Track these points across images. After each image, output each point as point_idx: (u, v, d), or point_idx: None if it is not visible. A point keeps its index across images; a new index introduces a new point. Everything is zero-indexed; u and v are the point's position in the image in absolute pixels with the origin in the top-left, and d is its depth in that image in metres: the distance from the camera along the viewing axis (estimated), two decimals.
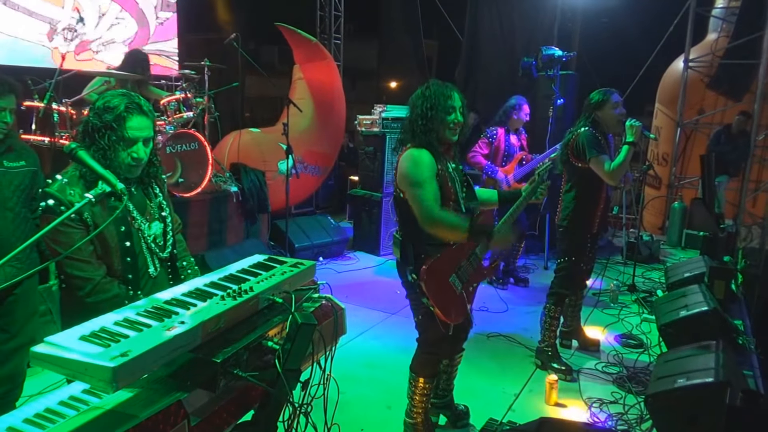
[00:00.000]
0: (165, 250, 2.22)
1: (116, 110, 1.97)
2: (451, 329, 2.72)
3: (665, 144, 9.31)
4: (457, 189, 2.70)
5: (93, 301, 1.97)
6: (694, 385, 2.45)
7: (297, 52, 7.47)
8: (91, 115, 2.01)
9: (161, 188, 2.29)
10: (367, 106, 7.19)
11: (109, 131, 1.97)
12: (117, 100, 2.00)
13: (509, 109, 5.28)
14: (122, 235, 2.04)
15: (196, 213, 5.17)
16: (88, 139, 2.00)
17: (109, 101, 2.00)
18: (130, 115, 1.99)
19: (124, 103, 1.99)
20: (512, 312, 4.97)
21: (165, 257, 2.22)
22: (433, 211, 2.53)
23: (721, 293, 3.64)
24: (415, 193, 2.56)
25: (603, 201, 3.74)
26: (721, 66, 8.43)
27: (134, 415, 1.35)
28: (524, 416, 3.22)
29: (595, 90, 3.74)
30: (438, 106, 2.61)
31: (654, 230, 8.51)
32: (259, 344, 1.62)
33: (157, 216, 2.19)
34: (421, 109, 2.63)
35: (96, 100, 2.04)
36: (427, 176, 2.56)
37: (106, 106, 1.99)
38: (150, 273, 2.14)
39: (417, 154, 2.60)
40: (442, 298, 2.64)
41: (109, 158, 1.99)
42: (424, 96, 2.65)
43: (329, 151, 7.51)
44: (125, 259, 2.05)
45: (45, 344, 1.34)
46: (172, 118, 5.08)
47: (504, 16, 8.85)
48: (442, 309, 2.63)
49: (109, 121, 1.97)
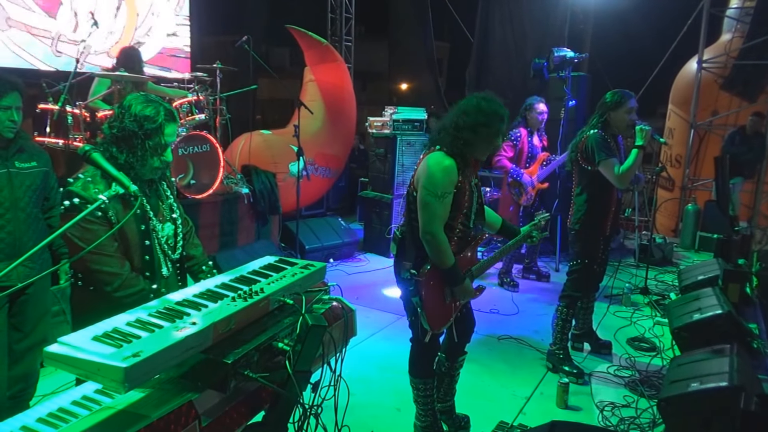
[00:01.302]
0: (176, 252, 2.26)
1: (156, 119, 2.04)
2: (428, 337, 2.72)
3: (678, 146, 9.22)
4: (473, 202, 2.71)
5: (121, 296, 2.02)
6: (708, 389, 2.42)
7: (308, 54, 7.50)
8: (127, 121, 2.03)
9: (171, 190, 2.33)
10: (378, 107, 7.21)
11: (147, 139, 2.04)
12: (152, 108, 2.05)
13: (523, 109, 5.31)
14: (142, 234, 2.09)
15: (207, 214, 5.20)
16: (124, 144, 2.04)
17: (147, 109, 2.05)
18: (168, 123, 2.08)
19: (163, 113, 2.07)
20: (523, 314, 4.95)
21: (176, 258, 2.26)
22: (437, 228, 2.55)
23: (735, 296, 3.60)
24: (428, 201, 2.55)
25: (614, 203, 3.72)
26: (735, 67, 8.35)
27: (146, 415, 1.36)
28: (535, 419, 3.20)
29: (611, 90, 3.72)
30: (492, 126, 2.57)
31: (667, 232, 8.44)
32: (270, 345, 1.63)
33: (169, 217, 2.24)
34: (473, 121, 2.55)
35: (130, 106, 2.07)
36: (448, 191, 2.55)
37: (146, 115, 2.04)
38: (163, 273, 2.17)
39: (449, 165, 2.55)
40: (433, 302, 2.66)
41: (141, 162, 2.06)
42: (479, 109, 2.56)
43: (340, 153, 7.52)
44: (144, 258, 2.10)
45: (58, 344, 1.35)
46: (184, 120, 5.12)
47: (515, 17, 8.83)
48: (429, 313, 2.65)
49: (150, 130, 2.04)
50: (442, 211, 2.56)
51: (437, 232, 2.55)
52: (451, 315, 2.78)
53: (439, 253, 2.57)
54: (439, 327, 2.75)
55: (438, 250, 2.57)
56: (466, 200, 2.64)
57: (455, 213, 2.61)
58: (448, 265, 2.59)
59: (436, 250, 2.57)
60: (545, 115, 5.31)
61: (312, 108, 6.19)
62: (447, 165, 2.55)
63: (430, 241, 2.56)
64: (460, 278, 2.65)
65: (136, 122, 2.03)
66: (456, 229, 2.66)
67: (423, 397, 2.87)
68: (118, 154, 2.05)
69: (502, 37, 8.97)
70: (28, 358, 2.73)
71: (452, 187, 2.56)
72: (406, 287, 2.70)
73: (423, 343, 2.78)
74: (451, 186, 2.55)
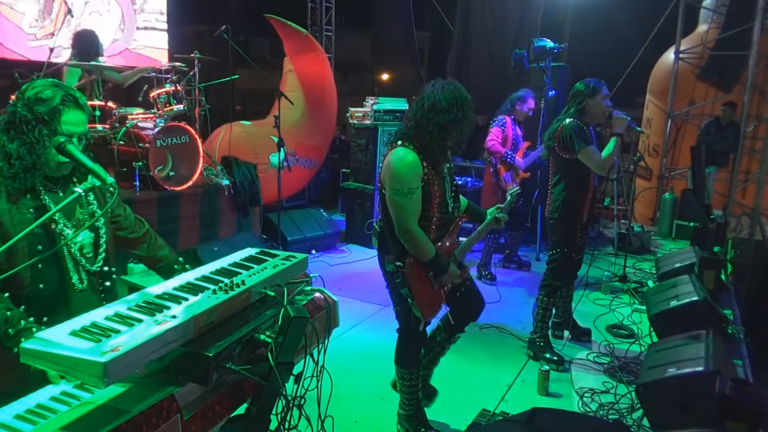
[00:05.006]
0: (95, 264, 1.98)
1: (51, 102, 1.79)
2: (422, 325, 2.74)
3: (656, 135, 9.35)
4: (446, 189, 2.70)
5: None
6: (685, 374, 2.47)
7: (288, 44, 7.43)
8: (20, 105, 1.80)
9: (98, 196, 2.04)
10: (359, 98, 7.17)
11: (40, 125, 1.79)
12: (50, 91, 1.81)
13: (515, 100, 5.34)
14: (34, 237, 1.80)
15: (187, 206, 5.14)
16: (14, 132, 1.80)
17: (40, 91, 1.80)
18: (66, 109, 1.82)
19: (60, 96, 1.81)
20: (505, 303, 4.99)
21: (95, 271, 1.99)
22: (410, 224, 2.55)
23: (710, 283, 3.68)
24: (396, 200, 2.55)
25: (591, 191, 3.76)
26: (712, 57, 8.47)
27: (126, 409, 1.35)
28: (517, 406, 3.24)
29: (581, 80, 3.77)
30: (467, 114, 2.54)
31: (645, 221, 8.57)
32: (252, 337, 1.62)
33: (88, 225, 1.94)
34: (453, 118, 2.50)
35: (24, 89, 1.83)
36: (413, 186, 2.53)
37: (38, 96, 1.79)
38: (75, 285, 1.92)
39: (412, 160, 2.52)
40: (422, 291, 2.67)
41: (37, 153, 1.80)
42: (453, 103, 2.50)
43: (321, 143, 7.49)
44: (36, 266, 1.81)
45: (35, 340, 1.33)
46: (162, 111, 5.04)
47: (495, 7, 8.83)
48: (420, 303, 2.66)
49: (42, 114, 1.78)
50: (412, 207, 2.55)
51: (411, 228, 2.55)
52: (442, 301, 2.78)
53: (418, 247, 2.58)
54: (431, 315, 2.75)
55: (415, 244, 2.57)
56: (437, 190, 2.62)
57: (429, 204, 2.61)
58: (429, 257, 2.59)
59: (414, 244, 2.58)
60: (532, 112, 5.37)
61: (292, 98, 6.14)
62: (410, 161, 2.53)
63: (406, 238, 2.57)
64: (444, 266, 2.65)
65: (27, 105, 1.78)
66: (434, 218, 2.65)
67: (408, 386, 2.88)
68: (8, 143, 1.79)
69: (482, 26, 8.97)
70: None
71: (418, 181, 2.54)
72: (393, 279, 2.70)
73: (411, 334, 2.79)
74: (417, 180, 2.54)
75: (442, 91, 2.53)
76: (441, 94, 2.52)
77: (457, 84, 2.59)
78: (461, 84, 2.66)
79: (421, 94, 2.62)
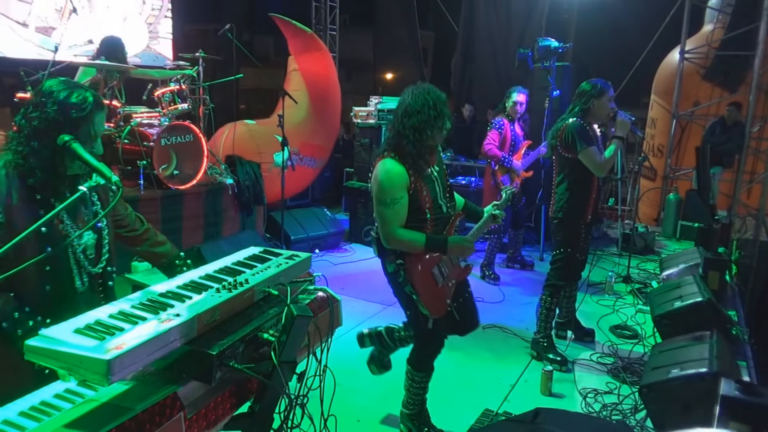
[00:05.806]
0: (97, 265, 1.98)
1: (87, 106, 1.80)
2: (431, 322, 2.74)
3: (661, 135, 9.31)
4: (438, 192, 2.70)
5: None
6: (688, 375, 2.47)
7: (292, 43, 7.43)
8: (50, 109, 1.77)
9: (102, 196, 2.03)
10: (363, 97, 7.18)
11: (74, 130, 1.79)
12: (80, 95, 1.81)
13: (504, 98, 5.33)
14: (42, 237, 1.77)
15: (191, 205, 5.15)
16: (46, 138, 1.77)
17: (77, 95, 1.80)
18: (99, 112, 1.84)
19: (91, 99, 1.82)
20: (508, 303, 4.99)
21: (96, 273, 1.98)
22: (393, 231, 2.58)
23: (715, 284, 3.67)
24: (380, 210, 2.59)
25: (595, 191, 3.75)
26: (717, 57, 8.43)
27: (130, 407, 1.35)
28: (520, 407, 3.24)
29: (587, 81, 3.76)
30: (443, 113, 2.55)
31: (649, 221, 8.54)
32: (255, 336, 1.62)
33: (91, 225, 1.93)
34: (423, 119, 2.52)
35: (52, 92, 1.80)
36: (396, 196, 2.56)
37: (73, 101, 1.78)
38: (76, 287, 1.91)
39: (397, 172, 2.55)
40: (425, 287, 2.67)
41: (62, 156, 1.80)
42: (426, 103, 2.52)
43: (325, 143, 7.48)
44: (44, 268, 1.80)
45: (39, 337, 1.33)
46: (166, 109, 5.05)
47: (500, 6, 8.82)
48: (425, 299, 2.66)
49: (77, 118, 1.79)
50: (395, 216, 2.58)
51: (395, 233, 2.58)
52: (447, 296, 2.78)
53: (408, 244, 2.61)
54: (438, 311, 2.74)
55: (404, 244, 2.61)
56: (426, 195, 2.63)
57: (420, 210, 2.62)
58: (423, 246, 2.60)
59: (403, 245, 2.61)
60: (523, 107, 5.33)
61: (296, 97, 6.14)
62: (395, 173, 2.56)
63: (393, 244, 2.61)
64: (443, 242, 2.65)
65: (61, 110, 1.77)
66: (428, 219, 2.66)
67: (416, 387, 2.89)
68: (41, 149, 1.78)
69: (486, 26, 8.96)
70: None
71: (403, 191, 2.57)
72: (396, 279, 2.71)
73: (428, 339, 2.80)
74: (402, 190, 2.56)
75: (412, 96, 2.58)
76: (410, 98, 2.58)
77: (428, 86, 2.63)
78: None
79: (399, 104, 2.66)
